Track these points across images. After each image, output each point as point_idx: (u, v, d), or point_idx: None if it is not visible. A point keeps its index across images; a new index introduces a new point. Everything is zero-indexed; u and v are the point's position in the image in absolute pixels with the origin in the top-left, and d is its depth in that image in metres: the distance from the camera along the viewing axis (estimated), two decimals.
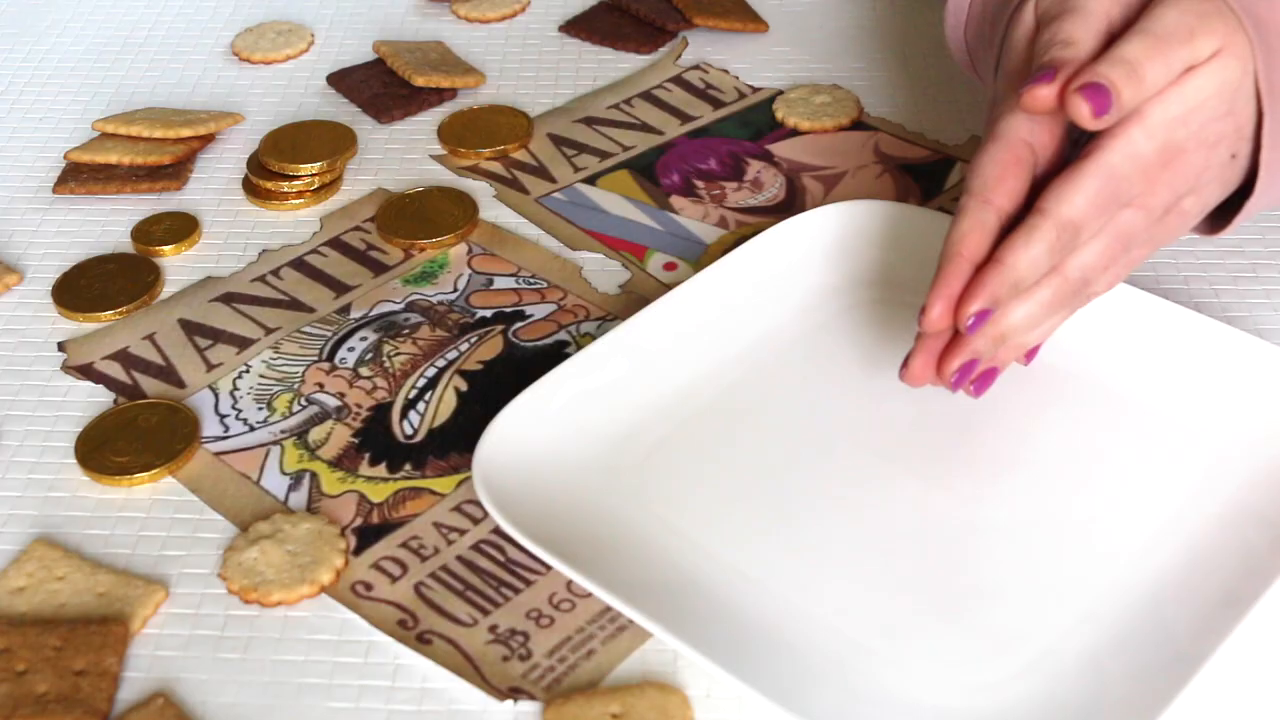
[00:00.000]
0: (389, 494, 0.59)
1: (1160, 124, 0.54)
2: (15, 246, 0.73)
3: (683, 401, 0.62)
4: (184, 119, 0.79)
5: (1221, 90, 0.55)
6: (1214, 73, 0.54)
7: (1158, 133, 0.54)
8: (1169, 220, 0.56)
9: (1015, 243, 0.53)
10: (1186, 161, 0.55)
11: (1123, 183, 0.54)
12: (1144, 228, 0.55)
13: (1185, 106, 0.54)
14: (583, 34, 0.89)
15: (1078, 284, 0.55)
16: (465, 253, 0.72)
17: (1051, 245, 0.53)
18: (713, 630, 0.52)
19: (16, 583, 0.56)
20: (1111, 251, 0.55)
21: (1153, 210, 0.55)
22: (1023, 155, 0.55)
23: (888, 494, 0.58)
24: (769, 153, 0.78)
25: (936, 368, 0.56)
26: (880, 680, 0.51)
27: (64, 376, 0.65)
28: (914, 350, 0.56)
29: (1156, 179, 0.54)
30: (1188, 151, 0.55)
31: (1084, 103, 0.52)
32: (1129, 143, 0.53)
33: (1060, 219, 0.53)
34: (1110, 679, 0.50)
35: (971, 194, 0.54)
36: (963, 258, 0.54)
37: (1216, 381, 0.61)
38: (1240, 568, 0.53)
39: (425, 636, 0.54)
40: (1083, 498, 0.57)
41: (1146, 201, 0.55)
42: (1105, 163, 0.53)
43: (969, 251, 0.54)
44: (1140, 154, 0.54)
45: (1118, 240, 0.55)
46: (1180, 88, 0.54)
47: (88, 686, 0.51)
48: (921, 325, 0.54)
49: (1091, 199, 0.53)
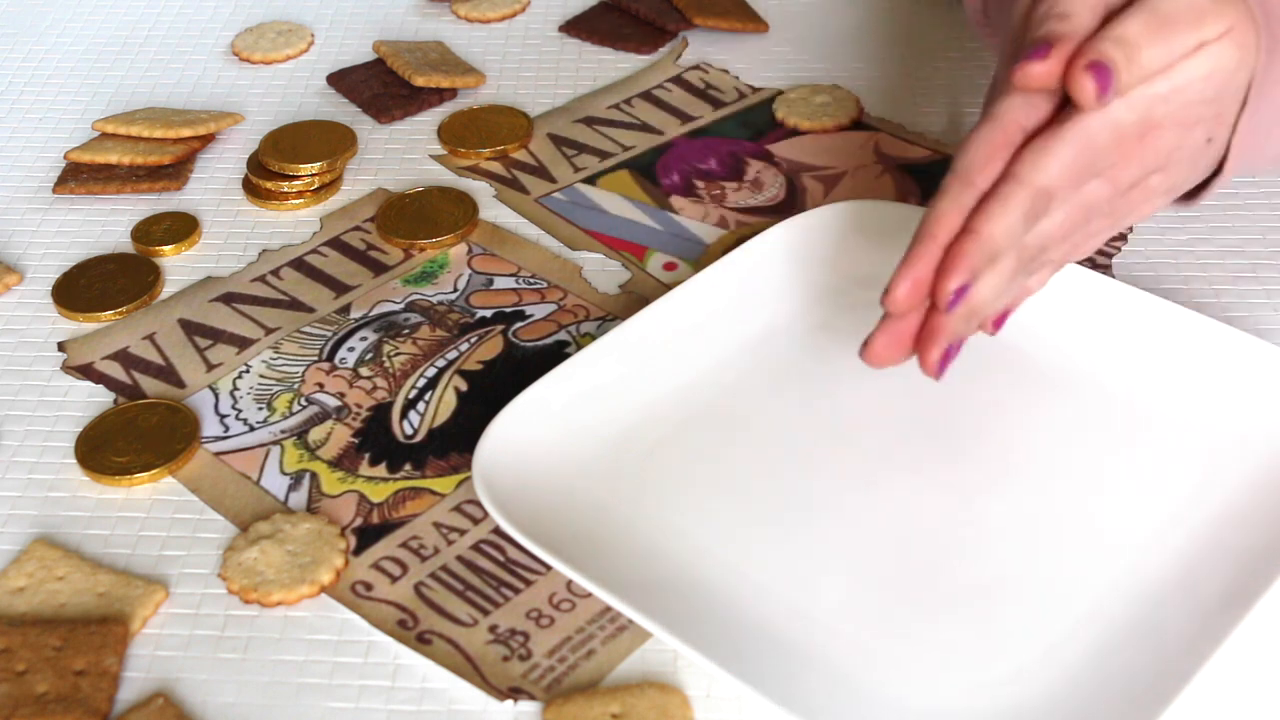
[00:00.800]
0: (389, 494, 0.59)
1: (1142, 97, 0.52)
2: (15, 246, 0.73)
3: (682, 402, 0.62)
4: (184, 119, 0.79)
5: (1212, 75, 0.53)
6: (1209, 57, 0.53)
7: (1138, 105, 0.52)
8: (1132, 195, 0.55)
9: (991, 211, 0.51)
10: (1161, 138, 0.54)
11: (1099, 153, 0.52)
12: (1106, 199, 0.54)
13: (1171, 85, 0.53)
14: (583, 34, 0.89)
15: (1035, 251, 0.53)
16: (465, 253, 0.72)
17: (1026, 213, 0.51)
18: (713, 630, 0.52)
19: (16, 583, 0.56)
20: (1072, 221, 0.54)
21: (1119, 184, 0.54)
22: (1014, 138, 0.53)
23: (887, 494, 0.58)
24: (769, 153, 0.78)
25: (920, 359, 0.54)
26: (880, 680, 0.51)
27: (64, 376, 0.65)
28: (875, 331, 0.54)
29: (1130, 152, 0.53)
30: (1164, 129, 0.53)
31: (1090, 80, 0.50)
32: (1107, 112, 0.52)
33: (1033, 185, 0.51)
34: (1109, 679, 0.50)
35: (955, 174, 0.53)
36: (935, 240, 0.52)
37: (1216, 381, 0.61)
38: (1239, 568, 0.53)
39: (425, 636, 0.54)
40: (1081, 498, 0.57)
41: (1115, 175, 0.53)
42: (1083, 130, 0.52)
43: (944, 234, 0.52)
44: (1119, 124, 0.52)
45: (1079, 210, 0.53)
46: (1171, 67, 0.53)
47: (88, 686, 0.51)
48: (886, 305, 0.52)
49: (1067, 166, 0.52)
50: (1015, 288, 0.55)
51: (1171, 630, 0.52)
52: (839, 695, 0.50)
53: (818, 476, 0.59)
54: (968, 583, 0.55)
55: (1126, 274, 0.68)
